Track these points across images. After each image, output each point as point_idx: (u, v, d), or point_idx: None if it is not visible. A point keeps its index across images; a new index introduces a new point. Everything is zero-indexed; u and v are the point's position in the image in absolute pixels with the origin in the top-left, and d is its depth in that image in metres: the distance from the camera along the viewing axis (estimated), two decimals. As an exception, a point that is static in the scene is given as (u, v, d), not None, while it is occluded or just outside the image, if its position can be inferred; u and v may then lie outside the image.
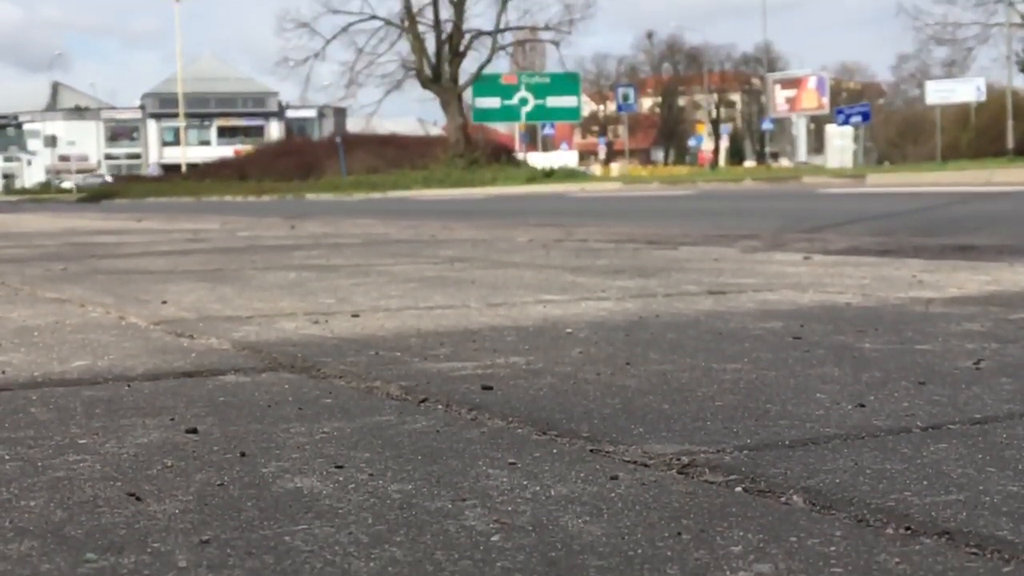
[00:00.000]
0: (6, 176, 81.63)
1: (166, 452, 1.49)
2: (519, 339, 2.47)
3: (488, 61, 41.94)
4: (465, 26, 41.56)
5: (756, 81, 75.45)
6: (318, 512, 1.21)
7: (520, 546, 1.09)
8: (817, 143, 58.38)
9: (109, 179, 64.68)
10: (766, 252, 5.12)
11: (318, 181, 40.62)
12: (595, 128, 76.97)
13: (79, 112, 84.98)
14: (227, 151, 67.44)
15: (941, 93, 41.81)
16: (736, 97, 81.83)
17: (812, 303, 3.05)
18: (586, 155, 61.98)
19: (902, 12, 77.39)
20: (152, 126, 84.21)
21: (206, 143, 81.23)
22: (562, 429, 1.59)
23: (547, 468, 1.38)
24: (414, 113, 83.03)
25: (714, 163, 59.80)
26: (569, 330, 2.59)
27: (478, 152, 40.32)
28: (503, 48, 43.20)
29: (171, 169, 63.34)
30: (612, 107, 65.26)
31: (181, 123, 68.40)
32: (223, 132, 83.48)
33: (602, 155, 59.90)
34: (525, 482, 1.32)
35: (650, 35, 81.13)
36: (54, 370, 2.17)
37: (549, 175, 35.37)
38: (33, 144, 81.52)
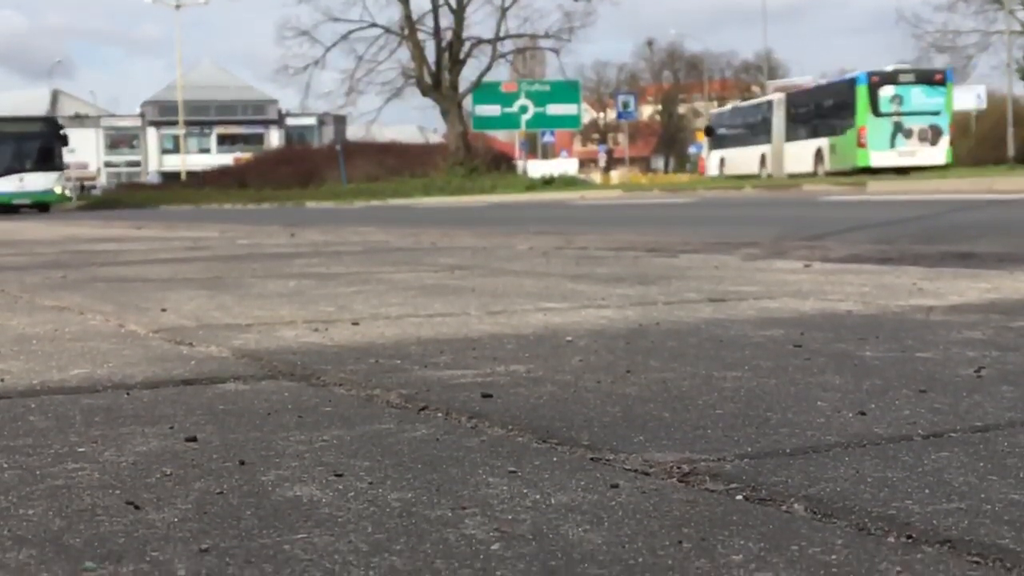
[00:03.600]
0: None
1: (165, 460, 1.49)
2: (519, 347, 2.46)
3: (488, 69, 41.97)
4: (465, 34, 41.59)
5: (756, 89, 75.45)
6: (317, 520, 1.20)
7: (520, 555, 1.09)
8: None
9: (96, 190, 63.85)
10: (766, 260, 5.11)
11: (318, 189, 40.64)
12: (595, 136, 77.04)
13: (79, 120, 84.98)
14: (227, 159, 67.49)
15: (941, 101, 41.79)
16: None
17: (813, 311, 3.05)
18: (586, 163, 61.97)
19: (902, 20, 77.57)
20: (152, 134, 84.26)
21: (206, 151, 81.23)
22: (562, 437, 1.59)
23: (547, 476, 1.38)
24: (414, 121, 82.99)
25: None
26: (569, 338, 2.59)
27: (478, 160, 40.34)
28: (503, 56, 43.22)
29: (171, 177, 63.34)
30: (612, 115, 65.27)
31: (181, 131, 68.44)
32: (223, 140, 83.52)
33: (602, 163, 59.90)
34: (525, 490, 1.31)
35: (650, 43, 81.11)
36: (53, 378, 2.17)
37: (549, 183, 35.38)
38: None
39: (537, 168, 41.00)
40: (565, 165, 43.77)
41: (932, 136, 28.35)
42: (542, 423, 1.68)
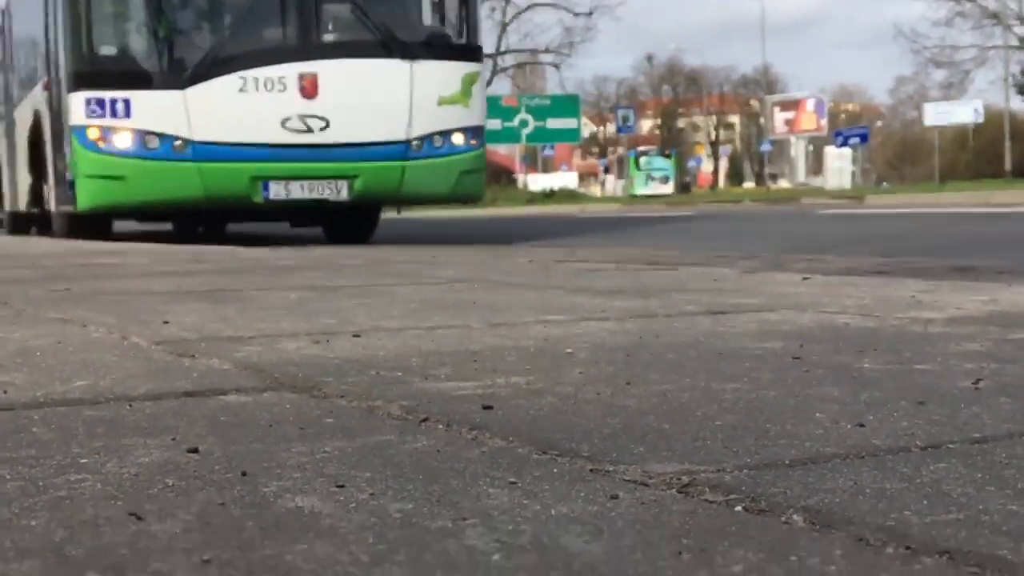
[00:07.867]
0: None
1: (167, 472, 1.49)
2: (519, 359, 2.47)
3: (489, 83, 42.07)
4: (466, 48, 41.70)
5: (755, 103, 75.60)
6: (319, 531, 1.21)
7: (520, 565, 1.09)
8: (816, 164, 58.49)
9: None
10: (765, 272, 5.12)
11: (319, 202, 40.63)
12: (595, 150, 77.16)
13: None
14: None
15: (939, 115, 41.96)
16: (735, 119, 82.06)
17: (811, 323, 3.06)
18: (586, 176, 62.10)
19: (900, 35, 77.91)
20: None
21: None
22: (563, 449, 1.59)
23: (547, 487, 1.38)
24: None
25: (713, 184, 59.97)
26: (569, 350, 2.60)
27: (478, 173, 40.43)
28: (504, 70, 43.41)
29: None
30: (612, 129, 65.38)
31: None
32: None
33: (602, 176, 60.03)
34: (526, 501, 1.32)
35: (650, 58, 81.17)
36: (56, 390, 2.17)
37: (549, 196, 35.45)
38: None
39: (537, 182, 41.10)
40: (565, 179, 43.96)
41: (664, 180, 49.25)
42: (542, 435, 1.69)
